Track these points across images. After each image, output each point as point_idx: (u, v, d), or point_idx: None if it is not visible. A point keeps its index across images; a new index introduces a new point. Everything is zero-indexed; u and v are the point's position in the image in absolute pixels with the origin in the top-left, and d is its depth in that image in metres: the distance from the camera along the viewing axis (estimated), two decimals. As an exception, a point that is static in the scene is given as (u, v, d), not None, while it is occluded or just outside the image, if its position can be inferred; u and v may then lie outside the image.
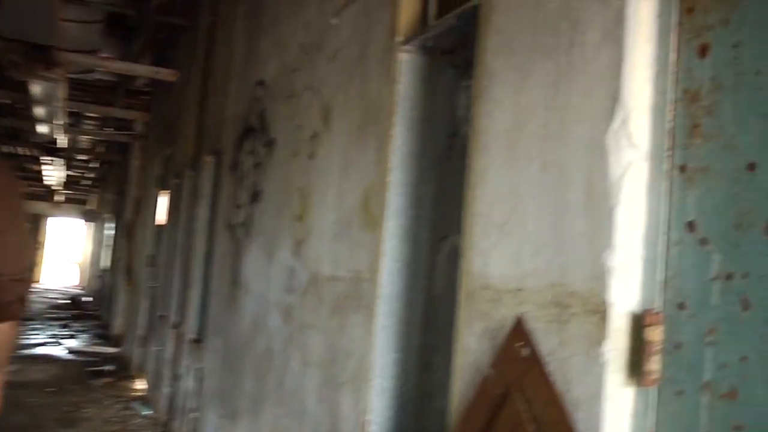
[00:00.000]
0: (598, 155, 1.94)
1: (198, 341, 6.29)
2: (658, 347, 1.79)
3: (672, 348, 1.76)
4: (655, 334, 1.79)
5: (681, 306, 1.75)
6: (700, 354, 1.69)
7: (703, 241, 1.71)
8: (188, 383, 6.40)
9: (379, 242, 3.15)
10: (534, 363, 2.08)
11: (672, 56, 1.85)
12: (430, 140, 3.18)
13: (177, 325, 7.27)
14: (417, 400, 3.13)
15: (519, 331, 2.17)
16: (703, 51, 1.77)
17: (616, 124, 1.90)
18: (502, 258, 2.29)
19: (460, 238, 2.81)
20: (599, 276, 1.89)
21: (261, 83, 5.25)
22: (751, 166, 1.62)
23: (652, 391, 1.79)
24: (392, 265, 3.14)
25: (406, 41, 3.18)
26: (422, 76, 3.20)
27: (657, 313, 1.79)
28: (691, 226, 1.75)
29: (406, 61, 3.19)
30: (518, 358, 2.14)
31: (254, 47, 5.60)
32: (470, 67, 2.92)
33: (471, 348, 2.39)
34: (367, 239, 3.28)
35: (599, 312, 1.88)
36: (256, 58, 5.52)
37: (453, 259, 3.03)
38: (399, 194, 3.15)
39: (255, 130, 5.25)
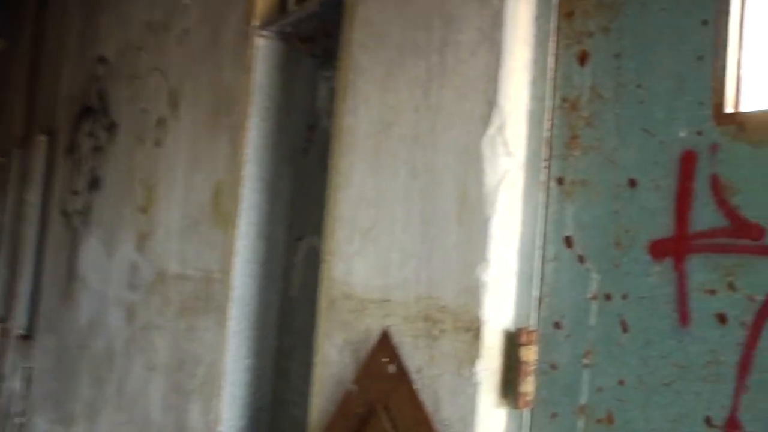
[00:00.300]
0: (472, 162, 1.83)
1: (27, 338, 5.79)
2: (533, 367, 1.71)
3: (547, 368, 1.69)
4: (530, 354, 1.71)
5: (557, 325, 1.68)
6: (576, 376, 1.62)
7: (581, 258, 1.64)
8: (14, 384, 5.88)
9: (231, 240, 2.94)
10: (401, 380, 1.96)
11: (551, 62, 1.77)
12: (287, 132, 2.99)
13: (2, 319, 6.68)
14: (271, 409, 2.96)
15: (385, 346, 2.04)
16: (583, 58, 1.70)
17: (491, 130, 1.80)
18: (367, 266, 2.15)
19: (318, 238, 2.66)
20: (472, 291, 1.79)
21: (102, 60, 4.83)
22: (632, 183, 1.56)
23: (526, 413, 1.71)
24: (245, 265, 2.94)
25: (263, 26, 2.96)
26: (279, 64, 3.00)
27: (532, 332, 1.71)
28: (568, 241, 1.68)
29: (263, 48, 2.98)
30: (384, 374, 2.02)
31: (94, 18, 5.16)
32: (331, 57, 2.76)
33: (332, 360, 2.25)
34: (218, 236, 3.06)
35: (472, 329, 1.78)
36: (95, 31, 5.08)
37: (311, 259, 2.88)
38: (253, 190, 2.94)
39: (95, 111, 4.84)
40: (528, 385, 1.70)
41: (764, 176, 1.34)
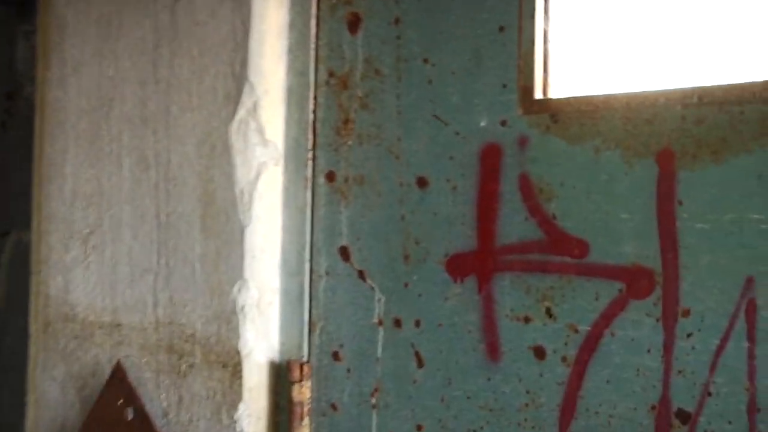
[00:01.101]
0: (218, 153, 1.46)
1: None
2: (309, 408, 1.39)
3: (327, 409, 1.38)
4: (304, 392, 1.39)
5: (336, 356, 1.37)
6: (363, 418, 1.33)
7: (362, 274, 1.33)
8: None
9: None
10: (143, 428, 1.56)
11: (313, 26, 1.41)
12: (-21, 103, 2.39)
13: None
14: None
15: (119, 382, 1.63)
16: (354, 24, 1.36)
17: (241, 112, 1.43)
18: (91, 280, 1.72)
19: (28, 233, 2.14)
20: (226, 316, 1.44)
21: None
22: (422, 182, 1.26)
23: (303, 464, 1.40)
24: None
25: (-66, -37, 2.31)
26: (-38, 15, 2.37)
27: (304, 365, 1.39)
28: (344, 253, 1.36)
29: (-64, -9, 2.33)
30: (120, 419, 1.61)
31: None
32: (32, 8, 2.20)
33: (52, 399, 1.80)
34: None
35: (229, 364, 1.43)
36: None
37: (21, 259, 2.33)
38: (-64, 176, 2.33)
39: None
40: (304, 430, 1.38)
41: (586, 179, 1.10)
